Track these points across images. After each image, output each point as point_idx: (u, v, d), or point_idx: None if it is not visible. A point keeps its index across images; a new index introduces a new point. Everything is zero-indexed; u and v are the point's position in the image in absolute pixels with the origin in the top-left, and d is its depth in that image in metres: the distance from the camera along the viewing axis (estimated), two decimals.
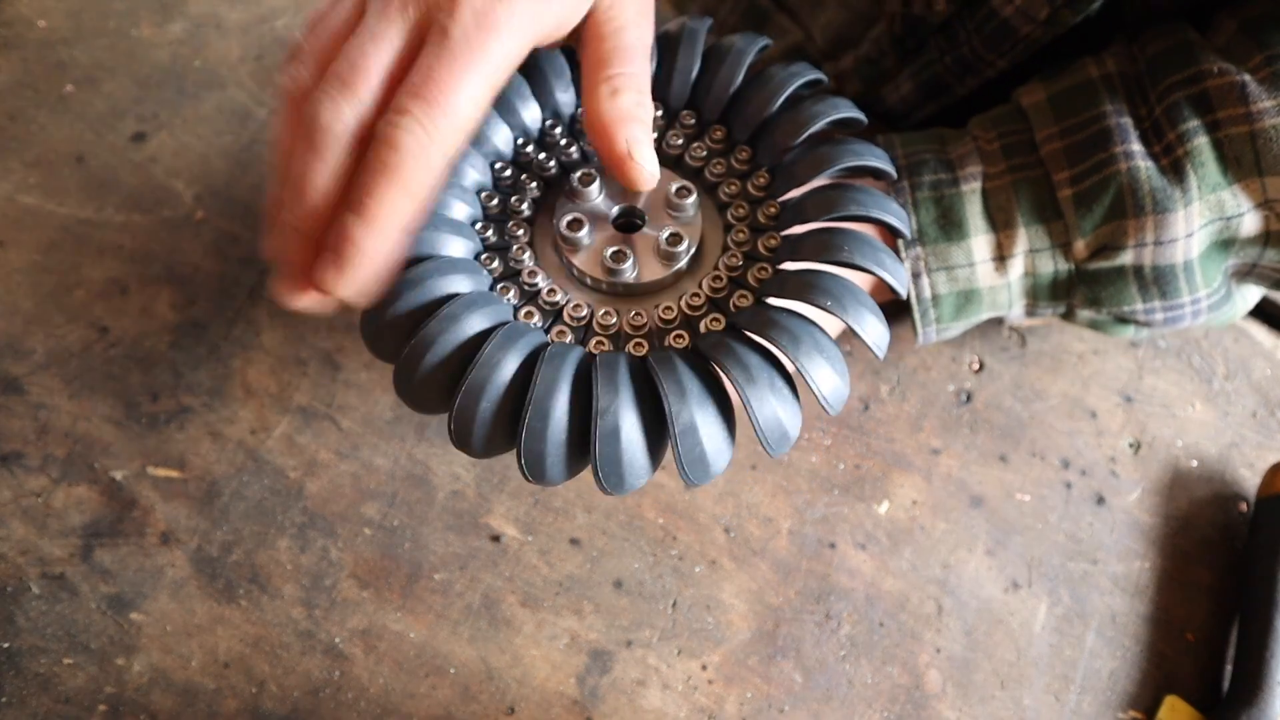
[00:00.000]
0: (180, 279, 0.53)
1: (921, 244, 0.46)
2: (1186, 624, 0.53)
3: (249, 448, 0.50)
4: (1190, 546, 0.55)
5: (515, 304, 0.38)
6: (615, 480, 0.34)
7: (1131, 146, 0.43)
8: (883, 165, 0.40)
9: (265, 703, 0.45)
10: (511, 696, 0.47)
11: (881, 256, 0.37)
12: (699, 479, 0.35)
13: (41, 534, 0.47)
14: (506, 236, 0.40)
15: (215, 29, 0.62)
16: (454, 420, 0.34)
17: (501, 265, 0.40)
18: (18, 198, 0.54)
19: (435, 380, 0.34)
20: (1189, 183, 0.43)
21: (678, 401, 0.33)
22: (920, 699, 0.49)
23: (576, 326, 0.38)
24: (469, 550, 0.49)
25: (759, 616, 0.50)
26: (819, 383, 0.34)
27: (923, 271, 0.47)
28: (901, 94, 0.57)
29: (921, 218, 0.46)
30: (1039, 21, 0.46)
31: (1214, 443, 0.58)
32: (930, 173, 0.46)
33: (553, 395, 0.33)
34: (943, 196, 0.46)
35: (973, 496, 0.55)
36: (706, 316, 0.38)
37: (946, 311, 0.48)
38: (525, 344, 0.35)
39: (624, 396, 0.33)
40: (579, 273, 0.39)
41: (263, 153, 0.58)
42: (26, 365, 0.50)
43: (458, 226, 0.39)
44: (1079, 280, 0.47)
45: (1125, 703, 0.51)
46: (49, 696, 0.44)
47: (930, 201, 0.46)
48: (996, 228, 0.46)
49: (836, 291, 0.35)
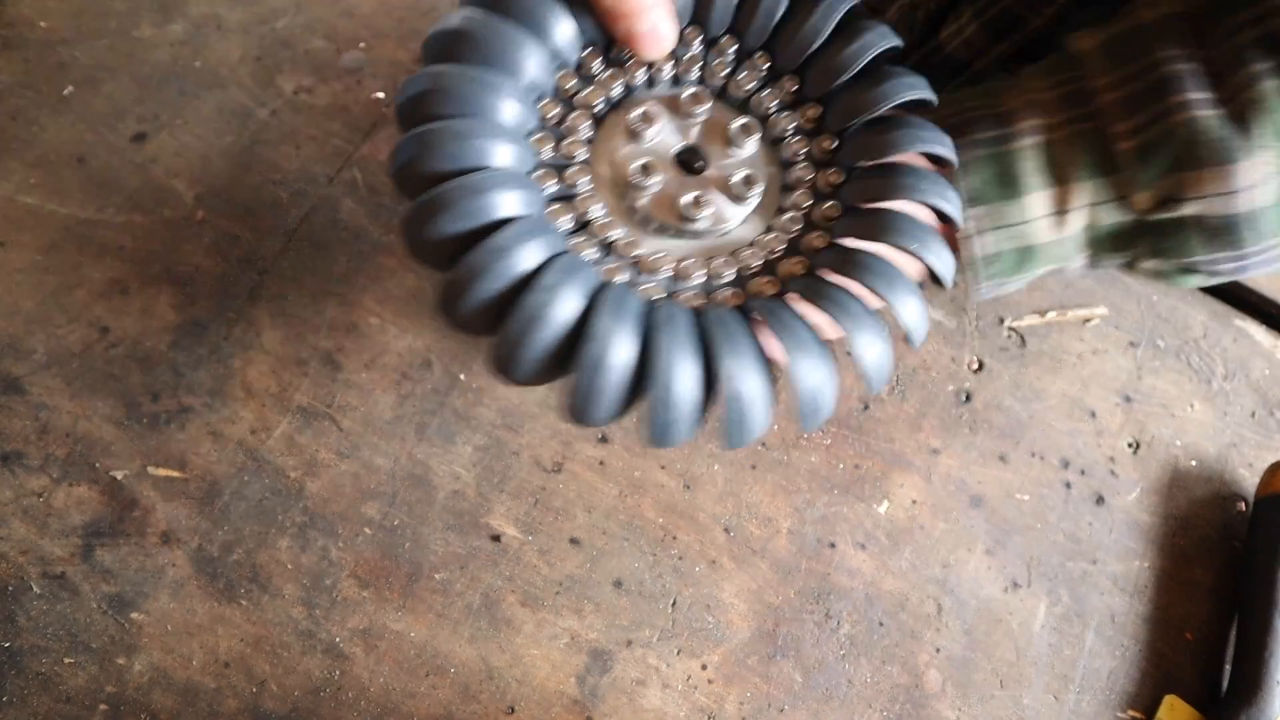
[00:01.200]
0: (180, 279, 0.53)
1: (976, 204, 0.44)
2: (1186, 623, 0.53)
3: (249, 448, 0.50)
4: (1189, 546, 0.55)
5: (568, 230, 0.37)
6: (664, 440, 0.34)
7: (1191, 95, 0.41)
8: (948, 154, 0.39)
9: (266, 702, 0.45)
10: (511, 696, 0.47)
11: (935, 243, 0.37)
12: (740, 442, 0.34)
13: (42, 534, 0.47)
14: (562, 155, 0.38)
15: (215, 29, 0.62)
16: (499, 349, 0.33)
17: (557, 184, 0.38)
18: (18, 198, 0.54)
19: (482, 309, 0.33)
20: (1254, 130, 0.40)
21: (733, 361, 0.33)
22: (920, 698, 0.49)
23: (631, 266, 0.37)
24: (469, 550, 0.49)
25: (759, 616, 0.50)
26: (908, 315, 0.35)
27: (974, 233, 0.45)
28: (965, 37, 0.54)
29: (973, 181, 0.44)
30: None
31: (1213, 442, 0.58)
32: (981, 129, 0.44)
33: (613, 340, 0.32)
34: (997, 155, 0.44)
35: (972, 496, 0.55)
36: (783, 261, 0.37)
37: (1006, 267, 0.46)
38: (581, 282, 0.33)
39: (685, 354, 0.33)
40: (642, 214, 0.38)
41: (263, 153, 0.58)
42: (27, 365, 0.50)
43: (512, 136, 0.36)
44: (1142, 232, 0.45)
45: (1125, 702, 0.51)
46: (50, 696, 0.44)
47: (984, 161, 0.44)
48: (1055, 182, 0.44)
49: (915, 231, 0.36)
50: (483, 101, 0.35)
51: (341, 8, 0.64)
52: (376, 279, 0.55)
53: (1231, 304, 0.62)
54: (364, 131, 0.59)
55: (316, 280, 0.55)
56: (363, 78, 0.61)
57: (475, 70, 0.36)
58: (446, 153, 0.34)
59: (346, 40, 0.63)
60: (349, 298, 0.54)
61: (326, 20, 0.63)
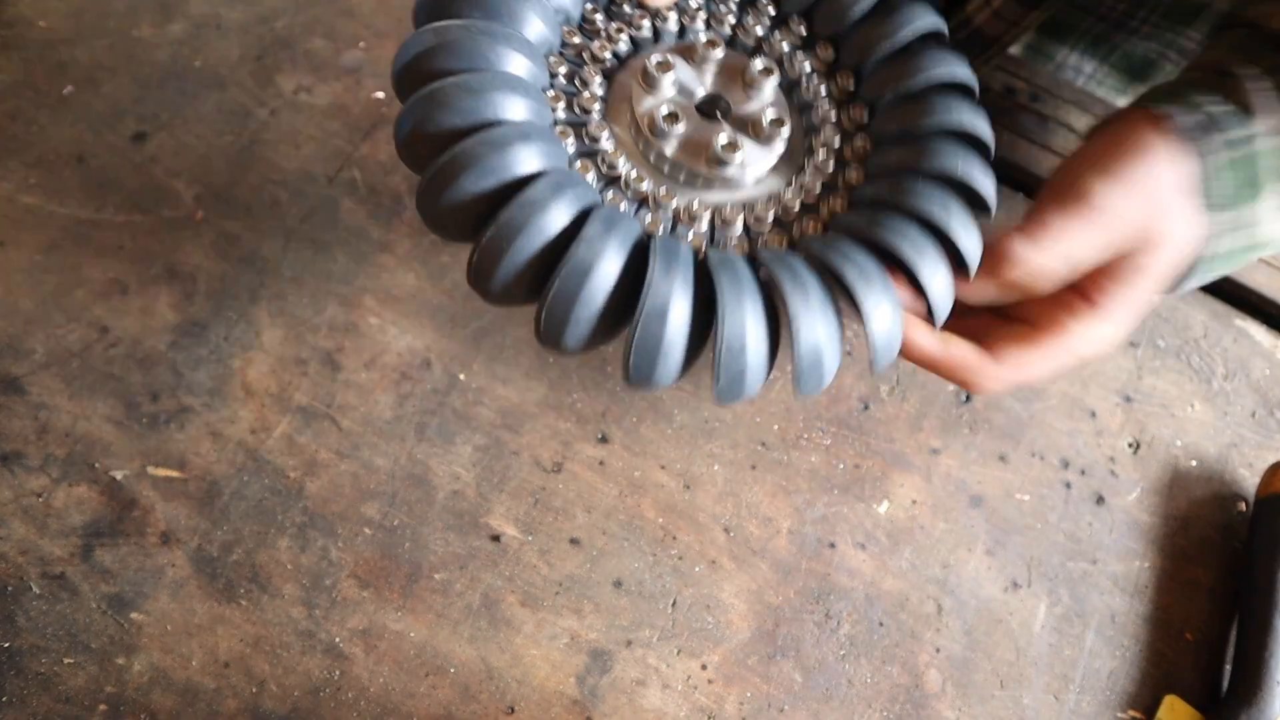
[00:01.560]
0: (180, 279, 0.53)
1: (1221, 209, 0.41)
2: (1186, 624, 0.53)
3: (249, 448, 0.50)
4: (1189, 546, 0.55)
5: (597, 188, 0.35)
6: (735, 393, 0.33)
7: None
8: (967, 77, 0.38)
9: (265, 702, 0.45)
10: (511, 696, 0.47)
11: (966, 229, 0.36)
12: (813, 389, 0.33)
13: (42, 534, 0.47)
14: (578, 109, 0.37)
15: (215, 29, 0.62)
16: (545, 315, 0.31)
17: (576, 142, 0.36)
18: (18, 198, 0.54)
19: (521, 274, 0.31)
20: None
21: (801, 305, 0.32)
22: (920, 699, 0.49)
23: (670, 218, 0.36)
24: (469, 550, 0.49)
25: (759, 616, 0.50)
26: (934, 285, 0.34)
27: (1212, 235, 0.41)
28: (995, 8, 0.51)
29: (1224, 185, 0.40)
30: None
31: (1213, 442, 0.58)
32: (1231, 127, 0.40)
33: (673, 291, 0.30)
34: (1246, 157, 0.40)
35: (972, 496, 0.55)
36: (804, 218, 0.36)
37: (1226, 263, 0.43)
38: (626, 232, 0.31)
39: (750, 305, 0.32)
40: (671, 164, 0.36)
41: (263, 153, 0.58)
42: (27, 365, 0.50)
43: (528, 89, 0.34)
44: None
45: (1125, 702, 0.51)
46: (49, 696, 0.44)
47: (1236, 164, 0.40)
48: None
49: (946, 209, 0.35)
50: (492, 54, 0.33)
51: (341, 8, 0.64)
52: (376, 279, 0.55)
53: (1232, 304, 0.62)
54: (364, 131, 0.59)
55: (316, 280, 0.55)
56: (363, 78, 0.61)
57: (480, 23, 0.33)
58: (461, 108, 0.31)
59: (346, 40, 0.63)
60: (349, 298, 0.54)
61: (326, 20, 0.63)
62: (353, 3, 0.64)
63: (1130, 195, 0.39)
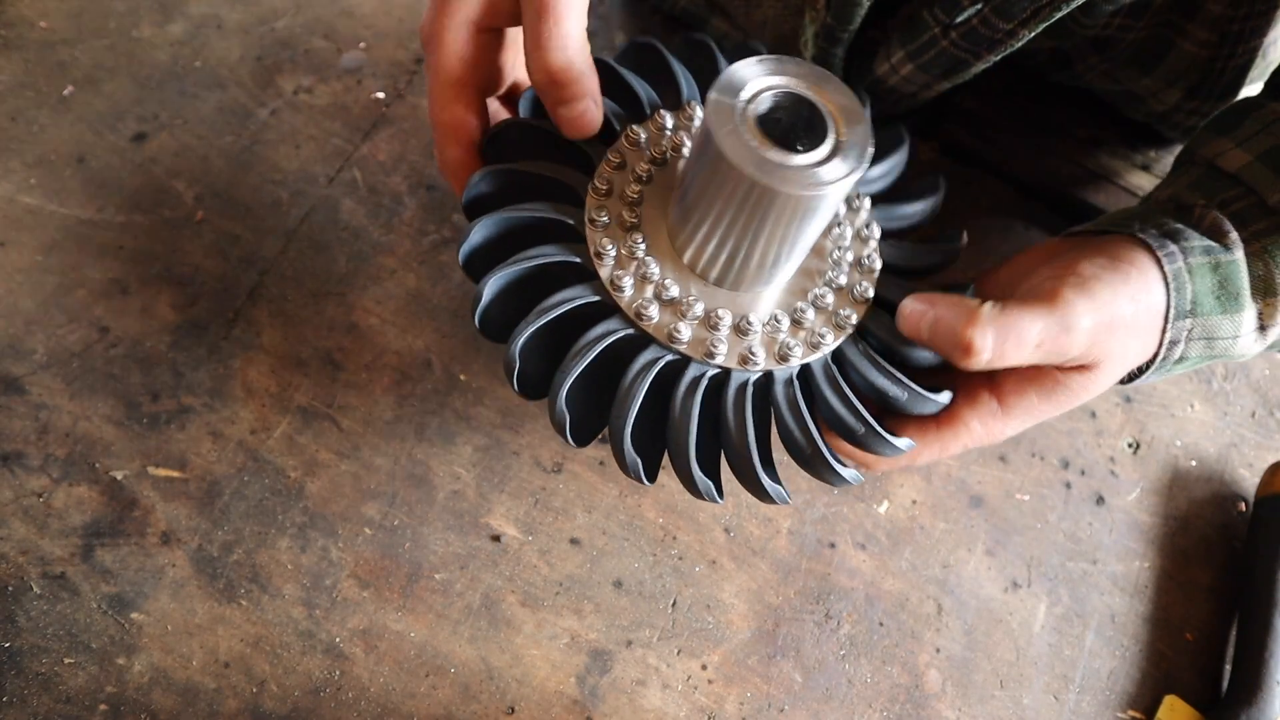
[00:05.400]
0: (180, 279, 0.53)
1: (1192, 315, 0.42)
2: (1186, 624, 0.53)
3: (249, 448, 0.50)
4: (1189, 546, 0.55)
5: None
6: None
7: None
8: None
9: (265, 702, 0.45)
10: (511, 696, 0.47)
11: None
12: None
13: (42, 534, 0.47)
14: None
15: (215, 29, 0.62)
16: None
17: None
18: (19, 198, 0.54)
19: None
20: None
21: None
22: (920, 698, 0.49)
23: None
24: (469, 550, 0.49)
25: (759, 616, 0.50)
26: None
27: (1182, 340, 0.43)
28: (902, 75, 0.54)
29: (1198, 286, 0.42)
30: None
31: (1213, 443, 0.58)
32: (1197, 238, 0.43)
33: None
34: (1219, 264, 0.43)
35: (973, 496, 0.55)
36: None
37: (1182, 367, 0.45)
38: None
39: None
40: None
41: (263, 152, 0.58)
42: (27, 365, 0.50)
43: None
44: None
45: (1124, 702, 0.51)
46: (50, 696, 0.44)
47: (1207, 269, 0.42)
48: (1259, 298, 0.43)
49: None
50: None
51: (341, 8, 0.64)
52: (376, 279, 0.55)
53: None
54: (364, 131, 0.59)
55: (316, 280, 0.55)
56: (363, 78, 0.61)
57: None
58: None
59: (346, 40, 0.63)
60: (349, 298, 0.54)
61: (326, 20, 0.63)
62: (353, 3, 0.64)
63: (1099, 325, 0.41)
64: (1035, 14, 0.45)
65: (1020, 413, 0.43)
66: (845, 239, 0.43)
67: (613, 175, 0.42)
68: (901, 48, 0.52)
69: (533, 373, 0.40)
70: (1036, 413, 0.43)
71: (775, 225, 0.36)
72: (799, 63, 0.37)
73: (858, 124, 0.36)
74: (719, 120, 0.34)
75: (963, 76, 0.52)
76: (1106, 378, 0.42)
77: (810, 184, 0.34)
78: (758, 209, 0.35)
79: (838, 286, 0.42)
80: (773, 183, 0.33)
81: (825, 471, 0.41)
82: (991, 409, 0.43)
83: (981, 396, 0.43)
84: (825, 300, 0.42)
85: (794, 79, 0.36)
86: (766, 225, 0.36)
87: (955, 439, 0.43)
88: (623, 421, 0.38)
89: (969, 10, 0.47)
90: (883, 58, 0.54)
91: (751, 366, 0.39)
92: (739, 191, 0.35)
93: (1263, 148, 0.44)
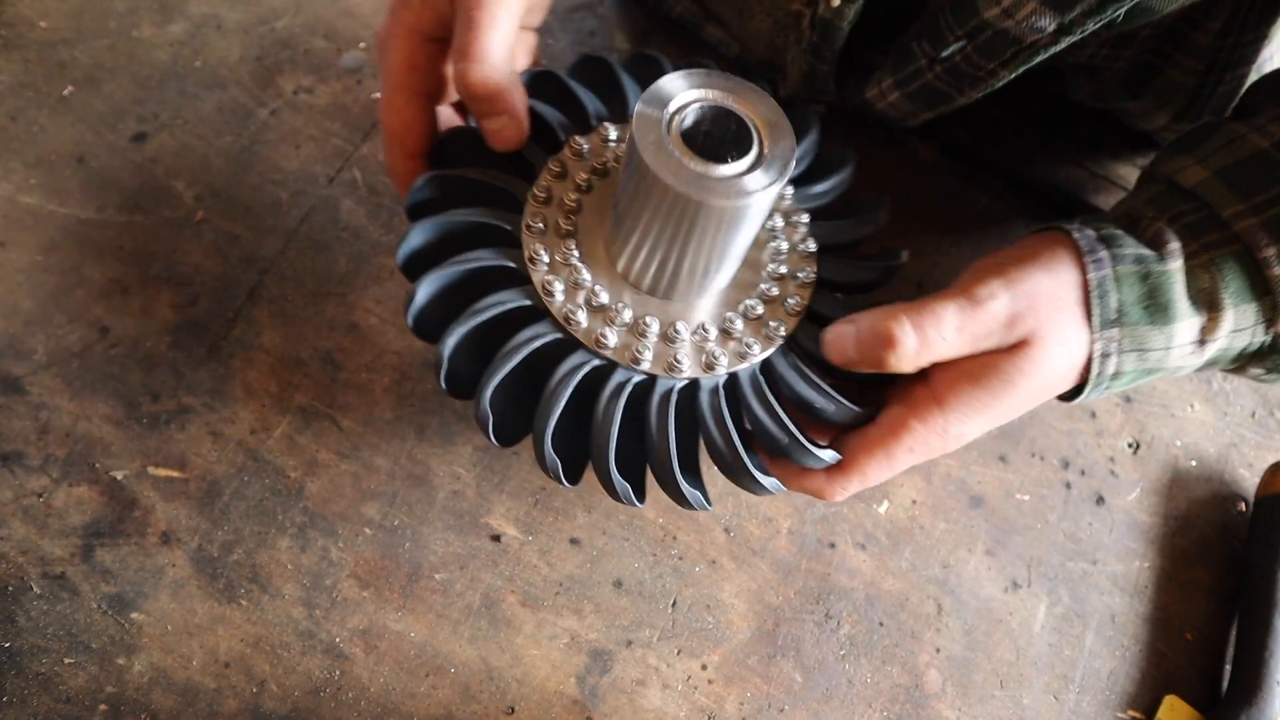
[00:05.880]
0: (180, 279, 0.53)
1: (1119, 325, 0.42)
2: (1185, 624, 0.53)
3: (249, 448, 0.50)
4: (1189, 546, 0.55)
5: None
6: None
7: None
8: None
9: (266, 702, 0.45)
10: (511, 696, 0.47)
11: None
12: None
13: (42, 534, 0.47)
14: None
15: (215, 29, 0.62)
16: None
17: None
18: (19, 198, 0.54)
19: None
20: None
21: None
22: (920, 698, 0.49)
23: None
24: (469, 550, 0.49)
25: (759, 616, 0.50)
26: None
27: (1114, 352, 0.43)
28: (890, 100, 0.55)
29: (1124, 294, 0.42)
30: (1046, 32, 0.44)
31: (1213, 443, 0.58)
32: (1132, 246, 0.43)
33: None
34: (1149, 273, 0.42)
35: (973, 496, 0.55)
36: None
37: (1121, 383, 0.45)
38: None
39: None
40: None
41: (263, 152, 0.58)
42: (27, 365, 0.50)
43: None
44: (1273, 350, 0.44)
45: (1124, 702, 0.51)
46: (50, 696, 0.44)
47: (1135, 278, 0.42)
48: (1202, 310, 0.43)
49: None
50: None
51: (341, 8, 0.64)
52: (376, 279, 0.55)
53: None
54: (364, 131, 0.59)
55: (316, 280, 0.55)
56: (363, 78, 0.61)
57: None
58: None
59: (346, 40, 0.63)
60: (349, 298, 0.54)
61: (326, 20, 0.63)
62: (353, 3, 0.64)
63: (1016, 298, 0.41)
64: (1015, 56, 0.46)
65: (959, 406, 0.42)
66: (781, 252, 0.44)
67: (553, 184, 0.43)
68: (890, 75, 0.54)
69: (464, 374, 0.41)
70: (977, 405, 0.42)
71: (701, 235, 0.37)
72: (728, 77, 0.38)
73: (782, 137, 0.37)
74: (643, 131, 0.35)
75: (945, 109, 0.54)
76: (1045, 358, 0.42)
77: (732, 194, 0.35)
78: (684, 219, 0.36)
79: (769, 298, 0.43)
80: (692, 193, 0.34)
81: (747, 480, 0.41)
82: (929, 407, 0.43)
83: (917, 394, 0.43)
84: (756, 311, 0.42)
85: (721, 92, 0.38)
86: (694, 236, 0.37)
87: (898, 442, 0.43)
88: (545, 423, 0.39)
89: (953, 46, 0.48)
90: (874, 82, 0.55)
91: (677, 374, 0.40)
92: (665, 202, 0.36)
93: (1221, 164, 0.44)
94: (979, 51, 0.48)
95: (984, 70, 0.49)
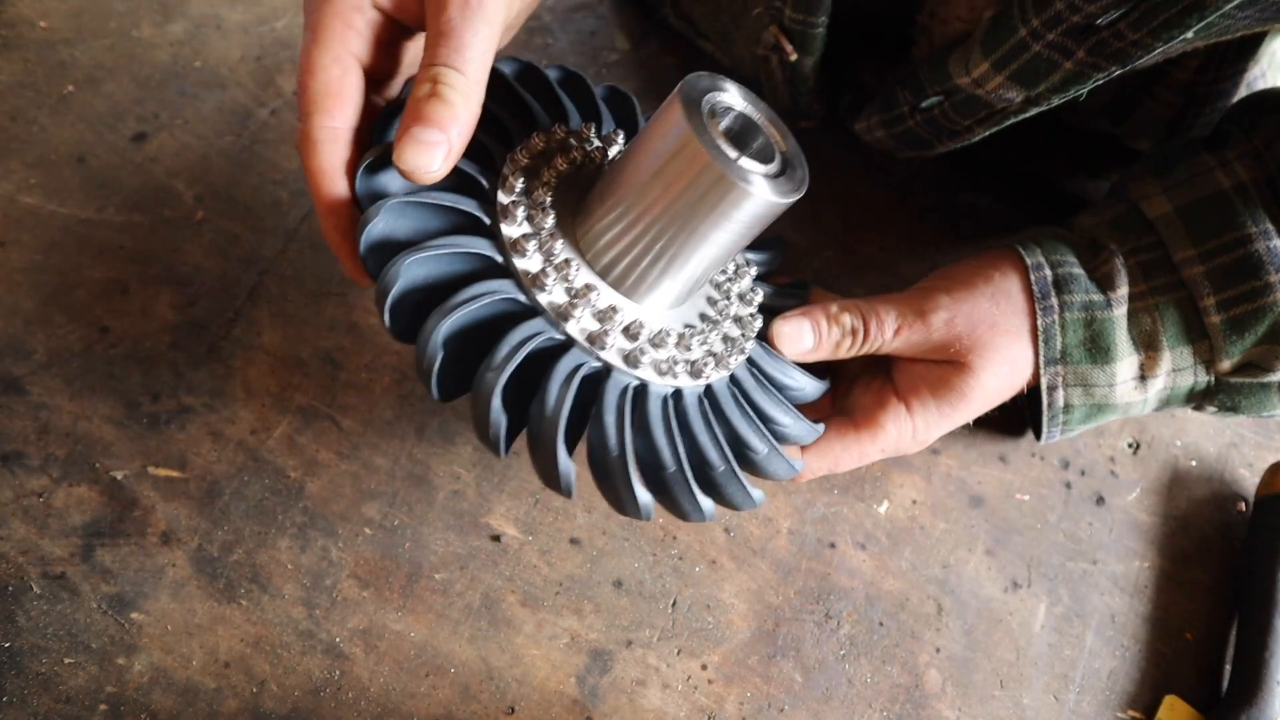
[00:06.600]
0: (180, 279, 0.53)
1: (1063, 363, 0.46)
2: (1185, 624, 0.53)
3: (249, 448, 0.50)
4: (1189, 546, 0.55)
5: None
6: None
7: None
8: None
9: (266, 702, 0.45)
10: (511, 696, 0.47)
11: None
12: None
13: (42, 534, 0.47)
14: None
15: (215, 29, 0.62)
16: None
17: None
18: (19, 198, 0.54)
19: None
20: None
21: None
22: (920, 698, 0.49)
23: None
24: (469, 550, 0.49)
25: (759, 616, 0.50)
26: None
27: (1060, 385, 0.47)
28: (875, 137, 0.57)
29: (1068, 338, 0.46)
30: (1015, 103, 0.46)
31: (1213, 443, 0.58)
32: (1082, 292, 0.46)
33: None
34: (1093, 319, 0.46)
35: (973, 496, 0.55)
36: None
37: (1076, 418, 0.48)
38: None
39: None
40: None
41: (263, 152, 0.58)
42: (27, 365, 0.50)
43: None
44: (1219, 390, 0.47)
45: (1124, 702, 0.51)
46: (50, 696, 0.44)
47: (1080, 324, 0.46)
48: (1144, 349, 0.46)
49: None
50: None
51: None
52: None
53: None
54: None
55: (316, 280, 0.55)
56: None
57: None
58: None
59: None
60: (349, 298, 0.54)
61: None
62: None
63: (955, 320, 0.45)
64: (988, 118, 0.48)
65: (923, 413, 0.46)
66: (731, 294, 0.46)
67: (537, 158, 0.42)
68: (878, 114, 0.55)
69: (414, 323, 0.38)
70: (935, 412, 0.46)
71: (707, 229, 0.37)
72: (756, 99, 0.40)
73: (796, 168, 0.38)
74: (691, 111, 0.35)
75: (928, 154, 0.56)
76: (990, 376, 0.46)
77: (761, 188, 0.36)
78: (700, 205, 0.36)
79: (736, 317, 0.45)
80: (731, 174, 0.35)
81: (684, 496, 0.40)
82: (897, 407, 0.46)
83: (886, 394, 0.47)
84: (720, 325, 0.44)
85: (757, 110, 0.39)
86: (699, 226, 0.37)
87: (873, 441, 0.46)
88: (494, 384, 0.36)
89: (932, 99, 0.50)
90: (865, 115, 0.57)
91: (634, 368, 0.39)
92: (691, 183, 0.36)
93: (1184, 200, 0.46)
94: (955, 109, 0.49)
95: (960, 126, 0.50)
